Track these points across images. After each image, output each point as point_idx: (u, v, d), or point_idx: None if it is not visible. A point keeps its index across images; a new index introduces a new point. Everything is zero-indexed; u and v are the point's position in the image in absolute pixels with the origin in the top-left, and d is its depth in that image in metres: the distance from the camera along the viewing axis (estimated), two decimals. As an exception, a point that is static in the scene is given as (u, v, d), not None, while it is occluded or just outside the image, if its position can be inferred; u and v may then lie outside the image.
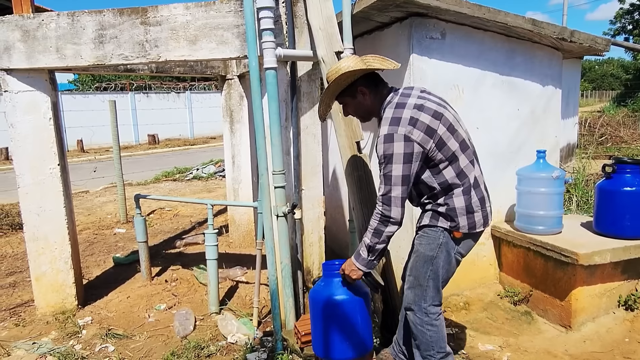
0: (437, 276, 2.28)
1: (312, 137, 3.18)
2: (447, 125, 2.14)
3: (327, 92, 2.29)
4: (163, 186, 10.21)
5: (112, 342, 3.28)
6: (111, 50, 3.23)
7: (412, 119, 2.09)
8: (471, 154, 2.23)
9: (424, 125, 2.08)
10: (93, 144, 19.14)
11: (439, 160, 2.14)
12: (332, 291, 2.40)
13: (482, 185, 2.28)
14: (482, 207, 2.24)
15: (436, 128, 2.10)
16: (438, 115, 2.12)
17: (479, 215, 2.23)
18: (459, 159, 2.17)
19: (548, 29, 3.34)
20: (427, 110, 2.11)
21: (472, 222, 2.22)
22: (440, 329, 2.33)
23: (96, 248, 5.70)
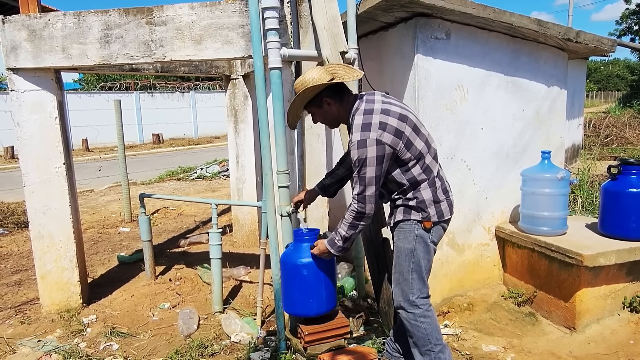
0: (420, 267, 2.40)
1: (316, 137, 3.19)
2: (412, 126, 2.29)
3: (293, 104, 2.43)
4: (167, 185, 10.24)
5: (117, 340, 3.30)
6: (117, 49, 3.25)
7: (382, 124, 2.22)
8: (433, 151, 2.40)
9: (392, 128, 2.23)
10: (98, 143, 19.21)
11: (407, 158, 2.29)
12: (300, 255, 2.65)
13: (444, 177, 2.46)
14: (446, 197, 2.40)
15: (403, 130, 2.25)
16: (404, 118, 2.27)
17: (444, 204, 2.38)
18: (424, 156, 2.33)
19: (553, 30, 3.33)
20: (393, 114, 2.26)
21: (440, 210, 2.37)
22: (433, 320, 2.42)
23: (101, 247, 5.73)
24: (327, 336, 2.75)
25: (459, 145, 3.41)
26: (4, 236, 6.24)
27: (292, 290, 2.69)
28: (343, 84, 2.41)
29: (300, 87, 2.33)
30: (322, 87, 2.32)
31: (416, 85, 3.20)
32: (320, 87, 2.31)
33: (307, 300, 2.67)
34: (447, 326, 3.29)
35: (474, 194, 3.54)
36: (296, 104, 2.42)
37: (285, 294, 2.75)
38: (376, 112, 2.26)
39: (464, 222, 3.53)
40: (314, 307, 2.68)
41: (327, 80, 2.30)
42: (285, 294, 2.75)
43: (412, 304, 2.40)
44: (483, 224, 3.63)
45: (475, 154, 3.49)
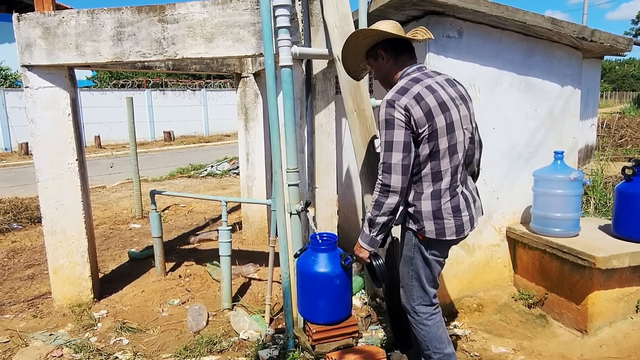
0: (419, 276, 2.27)
1: (326, 136, 3.18)
2: (448, 122, 2.05)
3: (346, 46, 2.28)
4: (178, 183, 10.31)
5: (127, 335, 3.33)
6: (129, 47, 3.27)
7: (419, 96, 2.02)
8: (458, 159, 2.11)
9: (427, 107, 2.01)
10: (110, 140, 19.38)
11: (423, 154, 2.07)
12: (315, 264, 2.67)
13: (462, 194, 2.16)
14: (455, 216, 2.13)
15: (435, 117, 2.02)
16: (445, 108, 2.05)
17: (450, 223, 2.12)
18: (440, 160, 2.08)
19: (568, 28, 3.28)
20: (437, 96, 2.05)
21: (441, 228, 2.12)
22: (433, 329, 2.31)
23: (112, 242, 5.78)
24: (335, 335, 2.76)
25: (470, 145, 3.38)
26: (18, 231, 6.32)
27: (315, 299, 2.71)
28: (405, 45, 2.21)
29: (364, 32, 2.18)
30: (379, 38, 2.17)
31: (427, 84, 3.18)
32: (375, 35, 2.16)
33: (333, 309, 2.72)
34: (456, 327, 3.27)
35: (485, 194, 3.50)
36: (349, 47, 2.27)
37: (307, 302, 2.77)
38: (423, 84, 2.06)
39: (475, 222, 3.50)
40: (337, 314, 2.74)
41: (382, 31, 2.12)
42: (307, 302, 2.77)
43: (413, 310, 2.34)
44: (494, 225, 3.59)
45: (486, 153, 3.44)
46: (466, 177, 2.23)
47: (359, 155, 2.88)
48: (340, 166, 4.67)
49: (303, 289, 2.75)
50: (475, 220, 2.25)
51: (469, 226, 2.19)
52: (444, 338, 2.33)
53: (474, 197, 2.27)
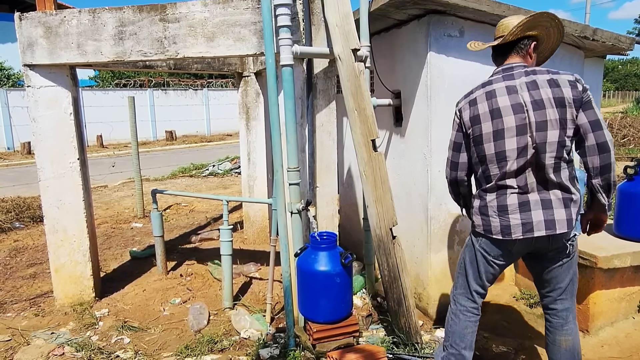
0: (465, 267, 2.36)
1: (327, 135, 3.18)
2: (496, 129, 2.10)
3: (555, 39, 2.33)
4: (179, 182, 10.32)
5: (128, 334, 3.33)
6: (130, 46, 3.28)
7: (475, 101, 2.19)
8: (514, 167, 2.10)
9: (474, 110, 2.17)
10: (112, 140, 19.43)
11: (474, 152, 2.23)
12: (315, 263, 2.71)
13: (519, 197, 2.12)
14: (500, 215, 2.14)
15: (482, 123, 2.14)
16: (495, 114, 2.10)
17: (495, 222, 2.15)
18: (488, 164, 2.15)
19: (570, 27, 3.27)
20: (493, 102, 2.12)
21: (487, 225, 2.18)
22: (461, 326, 2.36)
23: (114, 242, 5.79)
24: (336, 334, 2.76)
25: (472, 144, 3.38)
26: (20, 230, 6.34)
27: (315, 297, 2.73)
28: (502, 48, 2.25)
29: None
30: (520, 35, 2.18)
31: (429, 83, 3.17)
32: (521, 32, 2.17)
33: (334, 308, 2.75)
34: (457, 326, 3.26)
35: (486, 194, 3.50)
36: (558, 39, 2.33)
37: (308, 301, 2.79)
38: (487, 89, 2.17)
39: (476, 221, 3.50)
40: (337, 313, 2.76)
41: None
42: (308, 301, 2.79)
43: (453, 297, 2.44)
44: (495, 224, 3.59)
45: (488, 153, 3.45)
46: (545, 183, 2.11)
47: (360, 155, 2.88)
48: (341, 165, 4.66)
49: (303, 287, 2.76)
50: (539, 229, 2.09)
51: (519, 230, 2.10)
52: (468, 340, 2.36)
53: (548, 205, 2.11)
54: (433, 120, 3.21)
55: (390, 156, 3.74)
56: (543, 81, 2.08)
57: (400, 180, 3.62)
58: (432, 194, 3.29)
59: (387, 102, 3.54)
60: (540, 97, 2.06)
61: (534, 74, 2.12)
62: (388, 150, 3.77)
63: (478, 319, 2.39)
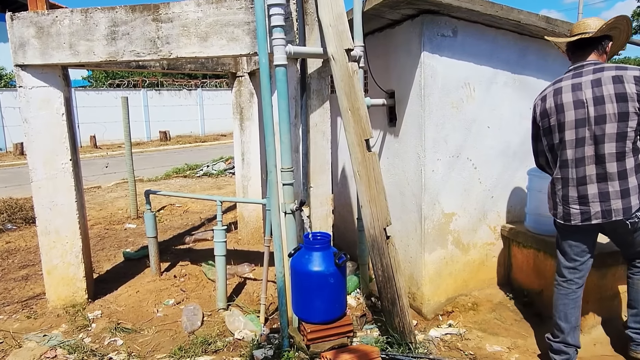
0: (557, 246, 2.70)
1: (321, 135, 3.18)
2: (563, 121, 2.45)
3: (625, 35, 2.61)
4: (173, 182, 10.28)
5: (121, 335, 3.32)
6: (123, 46, 3.26)
7: (545, 97, 2.55)
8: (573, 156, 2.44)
9: (544, 106, 2.54)
10: (106, 140, 19.34)
11: (544, 142, 2.61)
12: (309, 263, 2.71)
13: (578, 188, 2.45)
14: (564, 204, 2.51)
15: (549, 117, 2.51)
16: (560, 108, 2.46)
17: (561, 209, 2.54)
18: (556, 152, 2.53)
19: (562, 27, 3.29)
20: (558, 99, 2.47)
21: (560, 211, 2.55)
22: (555, 297, 2.69)
23: (107, 243, 5.76)
24: (329, 334, 2.76)
25: (465, 144, 3.39)
26: (13, 231, 6.29)
27: (309, 298, 2.73)
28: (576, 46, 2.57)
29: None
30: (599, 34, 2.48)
31: (422, 83, 3.18)
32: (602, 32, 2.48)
33: (328, 308, 2.75)
34: (451, 325, 3.27)
35: (479, 193, 3.51)
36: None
37: (301, 302, 2.78)
38: (556, 85, 2.53)
39: (470, 221, 3.51)
40: (331, 313, 2.76)
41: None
42: (301, 302, 2.78)
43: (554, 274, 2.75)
44: (489, 224, 3.60)
45: (481, 152, 3.46)
46: (604, 174, 2.38)
47: (354, 154, 2.88)
48: (335, 165, 4.66)
49: (297, 288, 2.75)
50: (601, 217, 2.41)
51: (578, 218, 2.46)
52: (560, 310, 2.66)
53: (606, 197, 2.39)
54: (427, 120, 3.22)
55: (384, 156, 3.75)
56: (607, 78, 2.36)
57: (394, 180, 3.62)
58: (426, 194, 3.30)
59: (381, 102, 3.54)
60: (602, 94, 2.35)
61: (601, 72, 2.40)
62: (382, 150, 3.77)
63: (570, 293, 2.65)
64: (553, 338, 2.70)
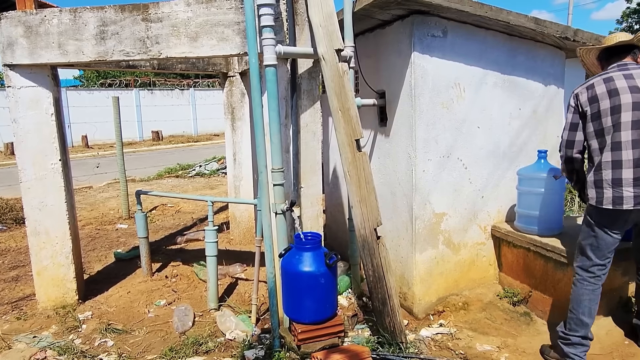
0: (584, 239, 2.69)
1: (311, 135, 3.18)
2: (614, 105, 2.47)
3: None
4: (166, 182, 10.24)
5: (112, 336, 3.30)
6: (112, 46, 3.24)
7: (592, 85, 2.58)
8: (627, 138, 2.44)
9: (592, 92, 2.55)
10: (97, 140, 19.23)
11: (591, 132, 2.57)
12: (299, 263, 2.71)
13: (631, 168, 2.44)
14: (614, 187, 2.48)
15: (600, 101, 2.52)
16: (614, 92, 2.49)
17: (608, 193, 2.49)
18: (605, 137, 2.51)
19: (551, 28, 3.31)
20: (611, 84, 2.51)
21: (600, 197, 2.52)
22: (578, 293, 2.70)
23: (98, 243, 5.73)
24: (320, 334, 2.76)
25: (456, 144, 3.41)
26: (3, 232, 6.24)
27: (300, 298, 2.73)
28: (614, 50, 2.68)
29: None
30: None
31: (413, 83, 3.19)
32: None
33: (318, 308, 2.75)
34: (442, 325, 3.29)
35: (470, 193, 3.53)
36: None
37: (292, 302, 2.79)
38: (602, 76, 2.58)
39: (460, 221, 3.52)
40: (322, 313, 2.77)
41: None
42: (292, 302, 2.79)
43: (574, 268, 2.76)
44: (479, 223, 3.62)
45: (471, 152, 3.48)
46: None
47: (344, 155, 2.88)
48: (327, 166, 4.67)
49: (288, 288, 2.76)
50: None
51: (630, 202, 2.45)
52: (585, 306, 2.67)
53: None
54: (417, 120, 3.23)
55: (375, 156, 3.75)
56: None
57: (385, 180, 3.63)
58: (417, 194, 3.31)
59: (372, 102, 3.55)
60: None
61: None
62: (373, 150, 3.78)
63: (597, 288, 2.68)
64: (572, 332, 2.70)
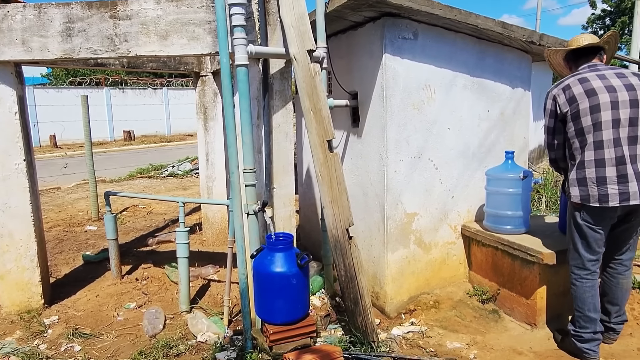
0: (573, 239, 2.78)
1: (284, 136, 3.17)
2: (593, 104, 2.54)
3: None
4: (137, 183, 10.06)
5: (79, 341, 3.22)
6: (79, 43, 3.16)
7: (568, 86, 2.63)
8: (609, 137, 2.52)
9: (570, 93, 2.60)
10: (67, 140, 18.72)
11: (572, 131, 2.63)
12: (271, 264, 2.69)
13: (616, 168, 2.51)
14: (599, 185, 2.55)
15: (579, 101, 2.57)
16: (592, 92, 2.56)
17: (594, 191, 2.56)
18: (586, 136, 2.57)
19: (518, 32, 3.40)
20: (587, 85, 2.57)
21: (585, 194, 2.59)
22: (580, 291, 2.77)
23: (66, 245, 5.58)
24: (292, 335, 2.76)
25: (427, 145, 3.45)
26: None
27: (271, 299, 2.71)
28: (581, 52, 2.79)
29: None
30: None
31: (384, 84, 3.22)
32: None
33: (290, 309, 2.73)
34: (413, 324, 3.33)
35: (440, 193, 3.59)
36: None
37: (264, 303, 2.76)
38: (576, 77, 2.65)
39: (431, 220, 3.58)
40: (294, 314, 2.75)
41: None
42: (264, 303, 2.76)
43: (569, 269, 2.84)
44: (449, 223, 3.68)
45: (442, 153, 3.54)
46: (636, 155, 2.54)
47: (316, 155, 2.89)
48: (300, 166, 4.67)
49: (260, 289, 2.74)
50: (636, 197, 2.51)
51: (616, 199, 2.52)
52: (589, 302, 2.75)
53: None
54: (389, 121, 3.26)
55: (347, 156, 3.77)
56: (627, 72, 2.63)
57: (358, 180, 3.65)
58: (389, 194, 3.34)
59: (345, 103, 3.56)
60: (630, 82, 2.57)
61: (618, 68, 2.67)
62: (346, 151, 3.80)
63: (595, 283, 2.76)
64: (582, 330, 2.78)
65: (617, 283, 2.85)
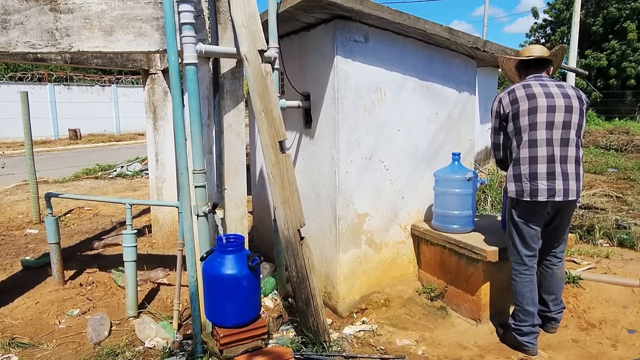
0: (511, 235, 2.97)
1: (235, 136, 3.13)
2: (532, 106, 2.76)
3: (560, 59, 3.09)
4: (83, 184, 9.63)
5: (16, 352, 3.05)
6: (16, 37, 2.99)
7: (512, 90, 2.86)
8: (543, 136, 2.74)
9: (513, 95, 2.84)
10: (5, 138, 17.65)
11: (511, 130, 2.85)
12: (221, 266, 2.66)
13: (547, 166, 2.73)
14: (531, 181, 2.75)
15: (519, 103, 2.80)
16: (532, 96, 2.79)
17: (527, 186, 2.77)
18: (522, 135, 2.79)
19: (463, 38, 3.52)
20: (529, 90, 2.82)
21: (520, 190, 2.80)
22: (519, 286, 2.94)
23: (3, 250, 5.26)
24: (243, 337, 2.73)
25: (377, 146, 3.51)
26: None
27: (222, 301, 2.68)
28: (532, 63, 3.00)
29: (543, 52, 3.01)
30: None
31: (336, 86, 3.25)
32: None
33: (241, 311, 2.70)
34: (364, 322, 3.37)
35: (391, 194, 3.66)
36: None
37: (214, 306, 2.72)
38: (521, 83, 2.89)
39: (382, 221, 3.64)
40: (244, 316, 2.72)
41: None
42: (214, 306, 2.72)
43: (510, 265, 3.00)
44: (400, 223, 3.76)
45: (392, 154, 3.61)
46: (566, 156, 2.76)
47: (267, 156, 2.87)
48: (254, 167, 4.63)
49: (209, 292, 2.70)
50: (562, 195, 2.73)
51: (544, 194, 2.74)
52: (527, 297, 2.92)
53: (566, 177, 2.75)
54: (340, 123, 3.29)
55: (300, 157, 3.78)
56: (565, 84, 2.89)
57: (310, 181, 3.67)
58: (340, 195, 3.37)
59: (297, 103, 3.57)
60: (567, 92, 2.82)
61: (557, 81, 2.92)
62: (298, 152, 3.80)
63: (533, 278, 2.94)
64: (521, 323, 2.93)
65: (552, 273, 3.08)
